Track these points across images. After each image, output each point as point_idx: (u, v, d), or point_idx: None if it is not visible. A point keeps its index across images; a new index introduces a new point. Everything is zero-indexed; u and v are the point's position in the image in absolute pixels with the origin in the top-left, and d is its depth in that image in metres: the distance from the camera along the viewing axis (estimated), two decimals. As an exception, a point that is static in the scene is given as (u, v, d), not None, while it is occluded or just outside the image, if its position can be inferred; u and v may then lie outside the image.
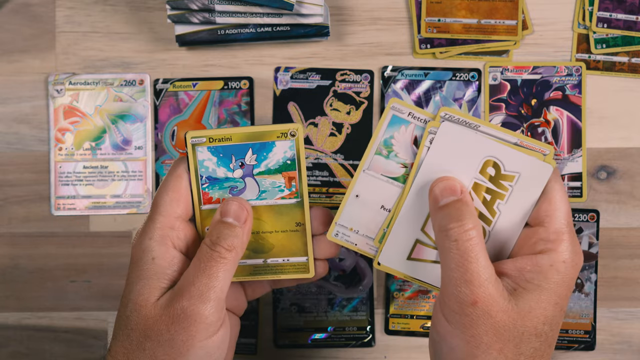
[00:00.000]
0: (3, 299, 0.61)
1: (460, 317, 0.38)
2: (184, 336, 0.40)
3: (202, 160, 0.43)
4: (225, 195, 0.43)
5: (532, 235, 0.41)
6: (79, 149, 0.60)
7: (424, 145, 0.41)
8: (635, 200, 0.60)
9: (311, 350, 0.60)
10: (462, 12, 0.60)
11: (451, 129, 0.40)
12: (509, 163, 0.41)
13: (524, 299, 0.39)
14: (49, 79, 0.60)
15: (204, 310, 0.40)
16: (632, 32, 0.60)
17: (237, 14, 0.57)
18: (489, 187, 0.41)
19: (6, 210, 0.61)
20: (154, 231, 0.42)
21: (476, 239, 0.39)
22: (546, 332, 0.39)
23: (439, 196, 0.40)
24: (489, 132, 0.41)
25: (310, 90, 0.60)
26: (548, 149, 0.41)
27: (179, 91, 0.60)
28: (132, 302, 0.41)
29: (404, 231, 0.42)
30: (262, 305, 0.60)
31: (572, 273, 0.40)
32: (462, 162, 0.41)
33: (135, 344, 0.41)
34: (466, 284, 0.38)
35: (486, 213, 0.42)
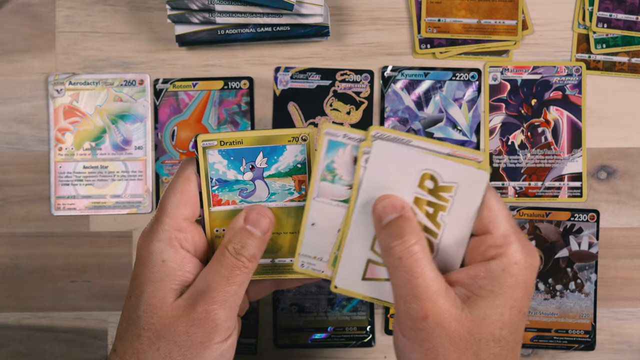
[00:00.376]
0: (3, 299, 0.61)
1: (415, 332, 0.39)
2: (202, 338, 0.40)
3: (213, 163, 0.43)
4: (235, 198, 0.44)
5: (481, 243, 0.41)
6: (79, 149, 0.60)
7: (361, 165, 0.41)
8: (635, 200, 0.60)
9: (311, 350, 0.60)
10: (462, 12, 0.60)
11: (384, 147, 0.41)
12: (445, 174, 0.41)
13: (477, 306, 0.39)
14: (49, 79, 0.60)
15: (224, 315, 0.41)
16: (632, 32, 0.60)
17: (237, 14, 0.57)
18: (430, 200, 0.41)
19: (6, 210, 0.61)
20: (162, 233, 0.42)
21: (420, 254, 0.39)
22: (505, 337, 0.39)
23: (382, 215, 0.41)
24: (421, 145, 0.41)
25: (310, 90, 0.60)
26: (481, 156, 0.41)
27: (179, 91, 0.60)
28: (145, 303, 0.41)
29: (354, 252, 0.43)
30: (262, 305, 0.60)
31: (527, 274, 0.40)
32: (399, 178, 0.41)
33: (146, 344, 0.41)
34: (415, 299, 0.38)
35: (431, 226, 0.42)
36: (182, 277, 0.42)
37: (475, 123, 0.60)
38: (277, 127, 0.60)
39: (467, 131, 0.60)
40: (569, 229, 0.60)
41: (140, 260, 0.43)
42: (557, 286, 0.60)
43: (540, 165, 0.60)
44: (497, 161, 0.60)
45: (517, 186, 0.60)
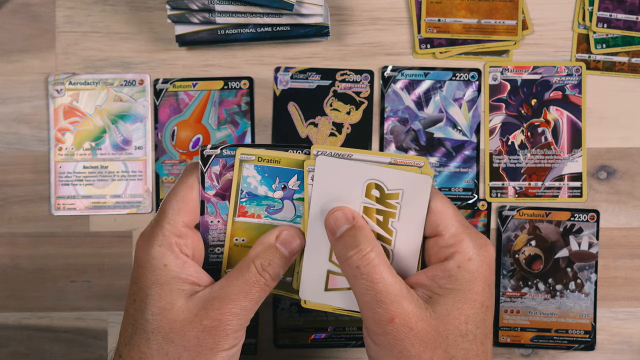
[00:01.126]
0: (3, 299, 0.61)
1: (384, 337, 0.39)
2: (212, 344, 0.40)
3: (247, 176, 0.44)
4: (261, 212, 0.44)
5: (434, 244, 0.42)
6: (79, 149, 0.60)
7: (308, 183, 0.43)
8: (635, 200, 0.60)
9: (311, 350, 0.60)
10: (462, 12, 0.60)
11: (327, 162, 0.42)
12: (389, 182, 0.42)
13: (439, 304, 0.40)
14: (49, 79, 0.60)
15: (236, 326, 0.41)
16: (632, 32, 0.60)
17: (237, 14, 0.57)
18: (378, 208, 0.43)
19: (6, 210, 0.61)
20: (163, 238, 0.42)
21: (376, 260, 0.40)
22: (472, 331, 0.40)
23: (334, 227, 0.42)
24: (362, 158, 0.42)
25: (310, 90, 0.60)
26: (422, 161, 0.42)
27: (179, 91, 0.60)
28: (154, 306, 0.41)
29: (313, 265, 0.44)
30: (262, 305, 0.60)
31: (483, 267, 0.41)
32: (346, 190, 0.42)
33: (155, 348, 0.41)
34: (379, 304, 0.39)
35: (383, 233, 0.43)
36: (186, 279, 0.42)
37: (475, 123, 0.60)
38: (278, 129, 0.60)
39: (467, 131, 0.60)
40: (569, 229, 0.60)
41: (140, 263, 0.42)
42: (557, 286, 0.60)
43: (540, 165, 0.60)
44: (497, 161, 0.60)
45: (517, 186, 0.60)
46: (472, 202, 0.60)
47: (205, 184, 0.44)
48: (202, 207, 0.44)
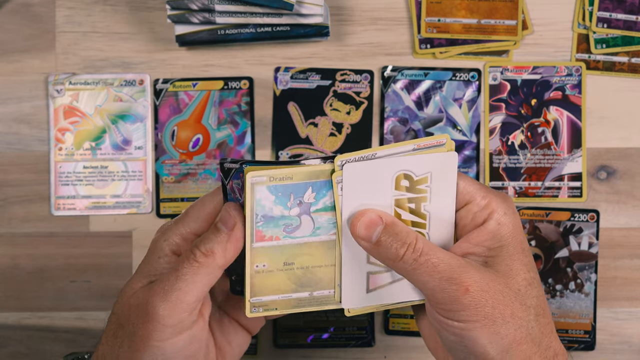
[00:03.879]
0: (3, 299, 0.61)
1: (466, 311, 0.39)
2: (142, 332, 0.40)
3: (260, 199, 0.42)
4: (279, 233, 0.43)
5: (467, 214, 0.43)
6: (79, 149, 0.60)
7: (337, 194, 0.42)
8: (635, 200, 0.60)
9: (311, 350, 0.60)
10: (462, 12, 0.60)
11: (354, 169, 0.42)
12: (417, 168, 0.42)
13: (499, 264, 0.41)
14: (49, 79, 0.60)
15: (164, 310, 0.39)
16: (632, 32, 0.60)
17: (237, 14, 0.57)
18: (410, 196, 0.43)
19: (6, 210, 0.61)
20: (172, 237, 0.43)
21: (426, 246, 0.40)
22: (534, 277, 0.41)
23: (367, 235, 0.41)
24: (386, 153, 0.42)
25: (310, 90, 0.60)
26: (444, 138, 0.42)
27: (179, 91, 0.60)
28: (122, 290, 0.43)
29: (353, 274, 0.43)
30: (262, 305, 0.60)
31: (516, 217, 0.42)
32: (377, 190, 0.42)
33: (113, 329, 0.42)
34: (449, 282, 0.39)
35: (417, 219, 0.43)
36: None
37: (475, 123, 0.60)
38: (278, 129, 0.60)
39: (467, 131, 0.60)
40: (569, 229, 0.60)
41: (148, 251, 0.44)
42: (557, 286, 0.60)
43: (540, 165, 0.60)
44: (497, 161, 0.60)
45: (517, 186, 0.60)
46: (472, 202, 0.60)
47: (227, 196, 0.43)
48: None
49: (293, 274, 0.44)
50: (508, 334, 0.39)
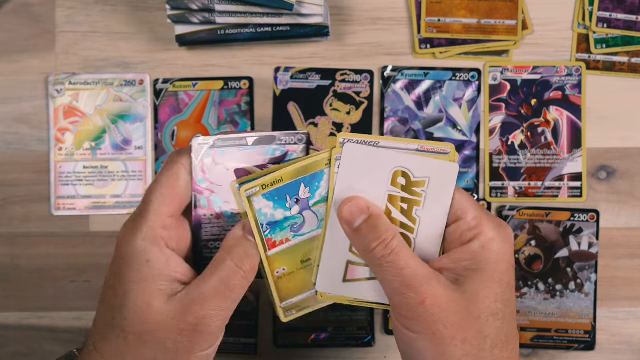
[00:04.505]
0: (3, 299, 0.61)
1: (417, 321, 0.39)
2: (188, 347, 0.40)
3: (260, 209, 0.43)
4: (287, 235, 0.43)
5: (455, 231, 0.42)
6: (79, 149, 0.60)
7: (334, 172, 0.42)
8: (635, 200, 0.60)
9: (311, 350, 0.60)
10: (462, 12, 0.60)
11: (354, 149, 0.42)
12: (416, 170, 0.42)
13: (468, 285, 0.40)
14: (49, 79, 0.60)
15: (216, 327, 0.40)
16: (632, 32, 0.60)
17: (237, 14, 0.57)
18: (404, 196, 0.42)
19: (6, 210, 0.61)
20: (147, 231, 0.41)
21: (399, 247, 0.40)
22: (502, 310, 0.40)
23: (350, 219, 0.41)
24: (389, 145, 0.42)
25: (310, 90, 0.60)
26: (448, 147, 0.42)
27: (179, 91, 0.60)
28: (132, 305, 0.40)
29: (333, 256, 0.43)
30: (262, 305, 0.60)
31: (506, 247, 0.41)
32: (372, 179, 0.42)
33: (132, 347, 0.40)
34: (408, 288, 0.39)
35: (407, 222, 0.43)
36: (168, 276, 0.41)
37: (475, 123, 0.60)
38: (278, 129, 0.60)
39: (467, 131, 0.60)
40: (569, 229, 0.60)
41: (123, 257, 0.41)
42: (557, 286, 0.60)
43: (540, 165, 0.60)
44: (497, 161, 0.60)
45: (517, 186, 0.60)
46: (472, 202, 0.60)
47: (197, 176, 0.43)
48: (195, 200, 0.43)
49: (312, 270, 0.44)
50: (453, 357, 0.39)
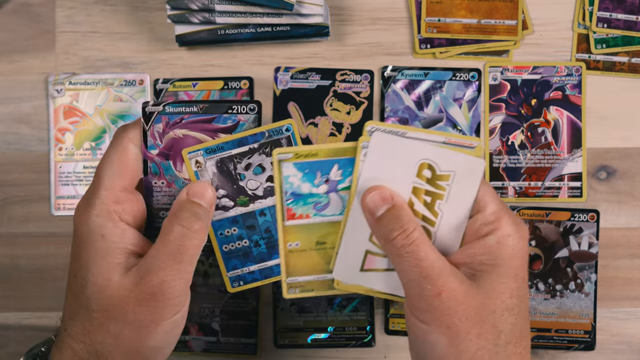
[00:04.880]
0: (3, 299, 0.61)
1: (431, 313, 0.39)
2: (150, 317, 0.40)
3: (288, 176, 0.42)
4: (309, 211, 0.43)
5: (473, 224, 0.42)
6: (79, 149, 0.60)
7: (359, 160, 0.42)
8: (635, 200, 0.60)
9: (311, 350, 0.60)
10: (462, 12, 0.60)
11: (382, 139, 0.41)
12: (442, 163, 0.42)
13: (484, 280, 0.40)
14: (49, 79, 0.60)
15: (173, 292, 0.40)
16: (632, 32, 0.60)
17: (237, 14, 0.57)
18: (428, 189, 0.42)
19: (6, 210, 0.61)
20: (100, 206, 0.41)
21: (420, 238, 0.40)
22: (517, 305, 0.40)
23: (373, 208, 0.41)
24: (417, 136, 0.42)
25: (310, 90, 0.60)
26: (475, 141, 0.42)
27: (179, 91, 0.60)
28: (93, 284, 0.40)
29: (353, 244, 0.43)
30: (262, 305, 0.60)
31: (521, 244, 0.41)
32: (398, 169, 0.42)
33: (97, 325, 0.40)
34: (426, 279, 0.39)
35: (429, 215, 0.43)
36: (124, 249, 0.41)
37: (475, 123, 0.60)
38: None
39: (467, 131, 0.60)
40: (569, 229, 0.60)
41: (79, 236, 0.41)
42: (557, 286, 0.60)
43: (540, 165, 0.60)
44: (497, 161, 0.60)
45: (517, 186, 0.60)
46: (472, 202, 0.60)
47: (147, 142, 0.43)
48: (145, 167, 0.43)
49: (325, 253, 0.44)
50: (468, 351, 0.39)
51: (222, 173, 0.43)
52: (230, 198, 0.44)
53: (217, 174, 0.43)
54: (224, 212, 0.44)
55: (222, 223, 0.44)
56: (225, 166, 0.43)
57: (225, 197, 0.44)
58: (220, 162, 0.43)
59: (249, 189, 0.44)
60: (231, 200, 0.44)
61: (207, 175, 0.43)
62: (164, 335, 0.41)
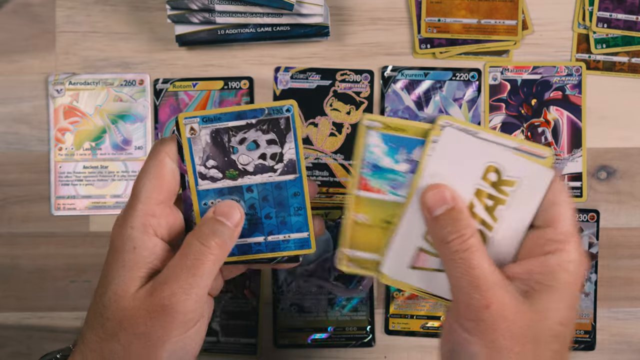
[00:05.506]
0: (3, 299, 0.61)
1: (477, 324, 0.38)
2: (160, 331, 0.39)
3: (371, 144, 0.41)
4: (384, 187, 0.42)
5: (540, 237, 0.41)
6: (79, 149, 0.60)
7: (426, 154, 0.41)
8: (635, 200, 0.60)
9: (311, 350, 0.60)
10: (462, 12, 0.60)
11: (453, 136, 0.40)
12: (510, 168, 0.41)
13: (537, 300, 0.39)
14: (49, 79, 0.60)
15: (185, 307, 0.39)
16: (632, 32, 0.60)
17: (237, 14, 0.57)
18: (491, 193, 0.41)
19: (6, 210, 0.61)
20: (136, 219, 0.41)
21: (476, 246, 0.39)
22: (563, 333, 0.39)
23: (432, 206, 0.40)
24: (488, 138, 0.41)
25: (310, 90, 0.60)
26: (547, 152, 0.41)
27: (179, 91, 0.60)
28: (111, 292, 0.40)
29: (406, 239, 0.42)
30: (262, 305, 0.60)
31: (581, 272, 0.40)
32: (464, 168, 0.41)
33: (109, 334, 0.40)
34: (475, 289, 0.38)
35: (488, 219, 0.41)
36: (151, 264, 0.41)
37: (475, 123, 0.60)
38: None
39: (467, 131, 0.60)
40: (569, 229, 0.60)
41: (112, 247, 0.42)
42: (557, 286, 0.59)
43: (540, 165, 0.60)
44: (497, 161, 0.60)
45: (517, 186, 0.60)
46: (472, 202, 0.60)
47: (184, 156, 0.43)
48: (183, 181, 0.43)
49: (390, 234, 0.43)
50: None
51: (216, 144, 0.43)
52: (219, 170, 0.43)
53: (210, 144, 0.43)
54: (212, 182, 0.44)
55: (208, 193, 0.44)
56: (219, 137, 0.43)
57: (214, 168, 0.43)
58: (215, 132, 0.43)
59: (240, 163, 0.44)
60: (220, 172, 0.43)
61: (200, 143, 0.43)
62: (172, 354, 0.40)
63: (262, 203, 0.44)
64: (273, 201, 0.44)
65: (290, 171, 0.44)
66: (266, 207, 0.44)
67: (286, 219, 0.44)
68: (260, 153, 0.43)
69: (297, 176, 0.44)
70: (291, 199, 0.44)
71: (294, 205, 0.44)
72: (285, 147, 0.43)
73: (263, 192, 0.44)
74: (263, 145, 0.43)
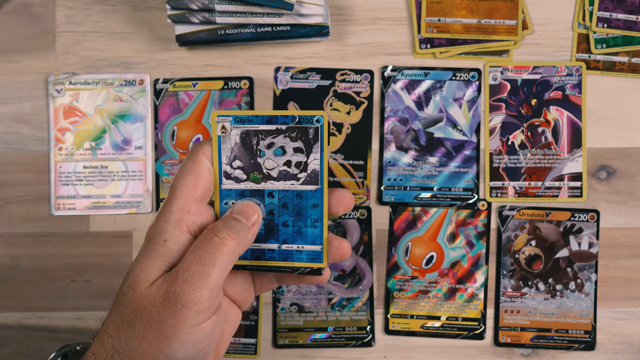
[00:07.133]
0: (3, 299, 0.61)
1: None
2: (172, 320, 0.40)
3: None
4: None
5: None
6: (79, 149, 0.60)
7: None
8: (635, 200, 0.60)
9: (311, 350, 0.60)
10: (462, 12, 0.60)
11: None
12: None
13: None
14: (49, 79, 0.60)
15: (196, 297, 0.40)
16: (632, 32, 0.60)
17: (237, 14, 0.57)
18: None
19: (6, 210, 0.61)
20: (170, 214, 0.42)
21: None
22: None
23: None
24: None
25: (310, 90, 0.60)
26: None
27: (179, 91, 0.60)
28: (132, 279, 0.41)
29: None
30: (262, 305, 0.60)
31: None
32: None
33: (126, 321, 0.41)
34: None
35: None
36: (177, 259, 0.42)
37: (475, 123, 0.60)
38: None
39: (467, 131, 0.60)
40: (569, 229, 0.60)
41: (145, 239, 0.43)
42: (557, 286, 0.60)
43: (540, 165, 0.60)
44: (497, 161, 0.60)
45: (517, 186, 0.60)
46: (472, 202, 0.60)
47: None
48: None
49: None
50: None
51: (244, 145, 0.44)
52: (244, 171, 0.44)
53: (239, 144, 0.44)
54: (235, 183, 0.44)
55: (230, 193, 0.44)
56: (248, 139, 0.44)
57: (240, 168, 0.44)
58: (245, 133, 0.44)
59: (265, 167, 0.44)
60: (245, 174, 0.44)
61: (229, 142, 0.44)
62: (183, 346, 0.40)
63: (281, 210, 0.44)
64: (292, 210, 0.44)
65: (312, 182, 0.44)
66: (284, 215, 0.44)
67: (302, 229, 0.44)
68: (285, 160, 0.44)
69: (319, 187, 0.44)
70: (310, 209, 0.44)
71: (311, 216, 0.44)
72: (311, 157, 0.44)
73: (284, 199, 0.44)
74: (290, 152, 0.44)
